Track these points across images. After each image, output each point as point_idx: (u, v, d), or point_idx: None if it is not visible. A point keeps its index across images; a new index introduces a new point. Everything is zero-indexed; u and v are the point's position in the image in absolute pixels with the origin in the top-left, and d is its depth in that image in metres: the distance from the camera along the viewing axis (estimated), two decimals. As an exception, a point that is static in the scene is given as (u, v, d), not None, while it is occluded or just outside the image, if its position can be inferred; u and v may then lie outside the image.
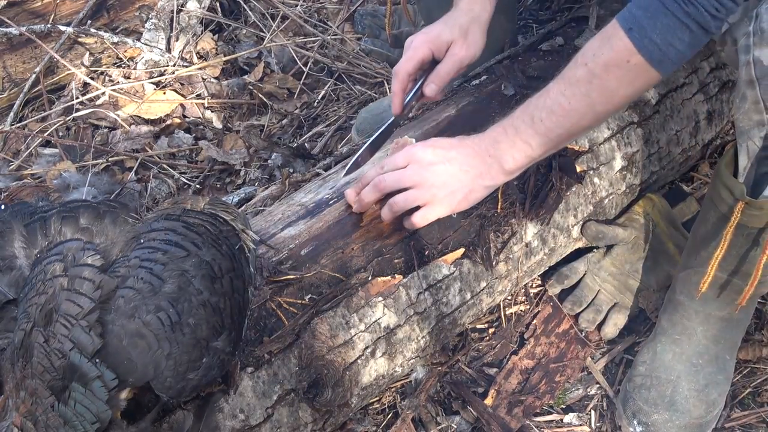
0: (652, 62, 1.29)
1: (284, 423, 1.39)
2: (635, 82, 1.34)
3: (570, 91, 1.35)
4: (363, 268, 1.49)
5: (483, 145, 1.44)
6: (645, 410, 1.59)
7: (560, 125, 1.38)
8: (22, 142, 2.26)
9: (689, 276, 1.55)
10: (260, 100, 2.36)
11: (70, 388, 1.09)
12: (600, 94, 1.34)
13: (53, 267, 1.15)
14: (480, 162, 1.44)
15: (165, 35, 2.45)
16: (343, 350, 1.44)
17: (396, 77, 1.57)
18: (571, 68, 1.36)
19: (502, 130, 1.43)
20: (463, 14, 1.58)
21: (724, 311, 1.55)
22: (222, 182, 2.17)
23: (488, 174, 1.45)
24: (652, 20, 1.27)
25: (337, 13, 2.57)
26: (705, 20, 1.25)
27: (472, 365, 1.72)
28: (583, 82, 1.34)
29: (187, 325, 1.15)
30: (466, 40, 1.57)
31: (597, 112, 1.38)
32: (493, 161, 1.44)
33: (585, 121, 1.39)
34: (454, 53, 1.57)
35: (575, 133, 1.42)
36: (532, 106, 1.41)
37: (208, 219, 1.29)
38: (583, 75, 1.34)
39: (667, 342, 1.61)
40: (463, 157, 1.44)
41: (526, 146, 1.41)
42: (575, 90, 1.35)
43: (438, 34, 1.57)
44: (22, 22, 2.49)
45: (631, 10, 1.30)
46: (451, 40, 1.57)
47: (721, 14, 1.26)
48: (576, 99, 1.35)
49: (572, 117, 1.37)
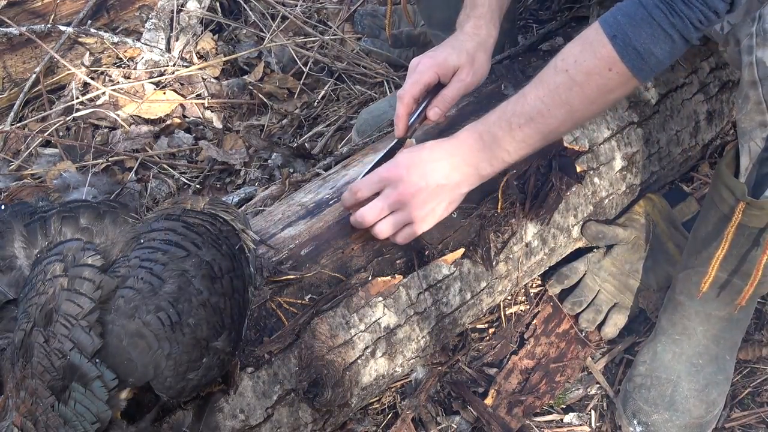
0: (633, 70, 1.30)
1: (284, 423, 1.39)
2: (615, 90, 1.34)
3: (549, 98, 1.35)
4: (363, 268, 1.49)
5: (459, 155, 1.44)
6: (645, 410, 1.59)
7: (538, 131, 1.38)
8: (22, 142, 2.26)
9: (689, 276, 1.55)
10: (260, 100, 2.36)
11: (70, 388, 1.09)
12: (580, 101, 1.34)
13: (53, 267, 1.15)
14: (458, 174, 1.44)
15: (165, 35, 2.45)
16: (343, 350, 1.44)
17: (401, 101, 1.56)
18: (551, 74, 1.36)
19: (478, 136, 1.43)
20: (470, 39, 1.58)
21: (724, 311, 1.55)
22: (222, 182, 2.17)
23: (466, 182, 1.46)
24: (636, 29, 1.27)
25: (337, 13, 2.57)
26: (688, 32, 1.26)
27: (472, 365, 1.72)
28: (563, 89, 1.34)
29: (187, 325, 1.15)
30: (473, 66, 1.57)
31: (576, 119, 1.39)
32: (470, 169, 1.44)
33: (564, 128, 1.41)
34: (461, 79, 1.56)
35: (552, 139, 1.43)
36: (509, 112, 1.40)
37: (208, 219, 1.29)
38: (564, 81, 1.34)
39: (667, 342, 1.61)
40: (440, 172, 1.44)
41: (504, 153, 1.42)
42: (555, 97, 1.35)
43: (445, 59, 1.56)
44: (22, 22, 2.48)
45: (615, 17, 1.30)
46: (458, 66, 1.56)
47: (704, 26, 1.26)
48: (555, 106, 1.35)
49: (551, 124, 1.37)
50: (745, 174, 1.39)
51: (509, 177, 1.61)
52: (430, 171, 1.44)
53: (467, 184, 1.46)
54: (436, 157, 1.45)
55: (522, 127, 1.38)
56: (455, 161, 1.44)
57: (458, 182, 1.45)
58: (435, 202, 1.46)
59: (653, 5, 1.26)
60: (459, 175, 1.45)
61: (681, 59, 1.84)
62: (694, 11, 1.24)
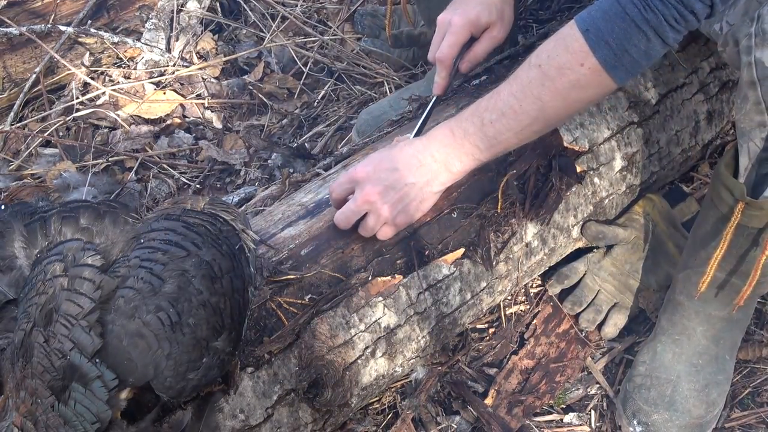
0: (606, 67, 1.28)
1: (284, 423, 1.39)
2: (588, 88, 1.32)
3: (522, 93, 1.34)
4: (363, 268, 1.49)
5: (428, 151, 1.42)
6: (645, 410, 1.59)
7: (510, 128, 1.36)
8: (22, 142, 2.26)
9: (689, 276, 1.55)
10: (260, 100, 2.36)
11: (70, 388, 1.09)
12: (552, 98, 1.32)
13: (53, 267, 1.15)
14: (426, 170, 1.43)
15: (165, 35, 2.45)
16: (343, 350, 1.44)
17: (442, 64, 1.60)
18: (524, 69, 1.35)
19: (449, 131, 1.42)
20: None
21: (724, 311, 1.55)
22: (222, 182, 2.17)
23: (436, 180, 1.44)
24: (609, 23, 1.26)
25: (337, 13, 2.57)
26: (663, 30, 1.24)
27: (472, 365, 1.72)
28: (535, 84, 1.32)
29: (187, 325, 1.15)
30: (503, 22, 1.61)
31: (548, 116, 1.36)
32: (439, 166, 1.43)
33: (536, 125, 1.37)
34: (493, 35, 1.60)
35: (524, 138, 1.40)
36: (482, 107, 1.39)
37: (208, 219, 1.29)
38: (536, 77, 1.33)
39: (667, 342, 1.61)
40: (407, 170, 1.42)
41: (474, 149, 1.40)
42: (527, 92, 1.33)
43: (477, 16, 1.58)
44: (22, 22, 2.48)
45: (590, 12, 1.29)
46: (489, 23, 1.59)
47: (680, 26, 1.25)
48: (527, 102, 1.34)
49: (522, 120, 1.35)
50: (744, 174, 1.39)
51: (509, 177, 1.61)
52: (398, 170, 1.43)
53: (437, 182, 1.45)
54: (406, 155, 1.44)
55: (494, 122, 1.37)
56: (423, 158, 1.43)
57: (428, 180, 1.44)
58: (404, 203, 1.44)
59: (628, 1, 1.25)
60: (427, 172, 1.43)
61: (681, 59, 1.84)
62: (669, 9, 1.23)
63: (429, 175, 1.44)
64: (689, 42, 1.88)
